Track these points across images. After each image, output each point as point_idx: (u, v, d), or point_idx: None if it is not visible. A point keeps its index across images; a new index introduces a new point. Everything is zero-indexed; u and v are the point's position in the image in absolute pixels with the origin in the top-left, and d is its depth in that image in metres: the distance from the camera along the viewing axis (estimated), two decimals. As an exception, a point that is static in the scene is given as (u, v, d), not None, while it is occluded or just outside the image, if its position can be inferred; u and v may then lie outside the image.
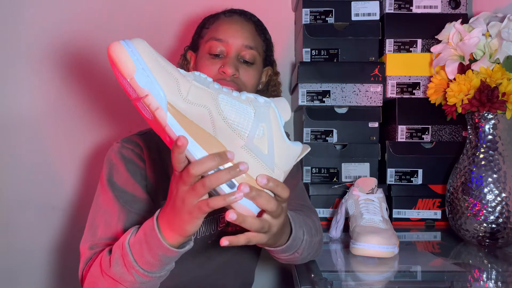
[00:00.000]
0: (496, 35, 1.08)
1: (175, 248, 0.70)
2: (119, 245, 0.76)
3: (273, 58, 1.10)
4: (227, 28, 0.97)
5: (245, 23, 1.00)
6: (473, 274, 0.93)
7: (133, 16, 1.55)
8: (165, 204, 0.70)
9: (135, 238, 0.74)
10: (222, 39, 0.96)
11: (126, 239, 0.75)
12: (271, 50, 1.08)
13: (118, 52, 0.60)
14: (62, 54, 1.55)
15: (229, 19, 1.00)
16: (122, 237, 0.77)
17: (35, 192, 1.56)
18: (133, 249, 0.73)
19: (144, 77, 0.60)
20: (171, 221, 0.68)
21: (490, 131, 1.07)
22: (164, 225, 0.70)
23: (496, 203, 1.05)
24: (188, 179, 0.62)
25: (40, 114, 1.55)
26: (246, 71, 0.97)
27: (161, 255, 0.71)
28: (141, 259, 0.72)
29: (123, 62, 0.60)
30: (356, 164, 1.32)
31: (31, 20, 1.54)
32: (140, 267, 0.73)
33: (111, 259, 0.76)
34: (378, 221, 1.03)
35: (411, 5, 1.32)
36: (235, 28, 0.98)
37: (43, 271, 1.58)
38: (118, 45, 0.61)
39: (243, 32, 0.98)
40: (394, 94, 1.31)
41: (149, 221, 0.72)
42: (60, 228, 1.58)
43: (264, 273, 1.59)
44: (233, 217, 0.62)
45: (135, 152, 0.93)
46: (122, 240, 0.75)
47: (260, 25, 1.04)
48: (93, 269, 0.81)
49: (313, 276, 0.85)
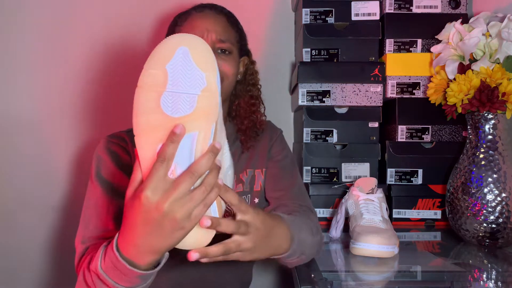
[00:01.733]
0: (496, 35, 1.08)
1: (151, 270, 0.69)
2: (94, 267, 0.74)
3: (248, 48, 1.09)
4: (200, 23, 0.97)
5: (217, 17, 1.00)
6: (473, 274, 0.93)
7: (132, 14, 1.55)
8: (128, 228, 0.66)
9: (106, 263, 0.71)
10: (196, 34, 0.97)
11: (98, 264, 0.72)
12: (245, 40, 1.08)
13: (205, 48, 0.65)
14: (62, 54, 1.55)
15: (201, 14, 0.99)
16: (94, 261, 0.74)
17: (34, 192, 1.56)
18: (109, 274, 0.71)
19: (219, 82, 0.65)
20: (147, 244, 0.65)
21: (490, 131, 1.07)
22: (134, 254, 0.67)
23: (496, 203, 1.05)
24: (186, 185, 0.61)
25: (40, 115, 1.55)
26: (224, 62, 0.97)
27: (138, 276, 0.69)
28: (122, 281, 0.71)
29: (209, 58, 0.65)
30: (356, 164, 1.32)
31: (29, 21, 1.54)
32: (123, 286, 0.72)
33: (92, 279, 0.75)
34: (378, 221, 1.03)
35: (411, 5, 1.32)
36: (208, 22, 0.97)
37: (42, 270, 1.58)
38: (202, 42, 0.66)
39: (216, 25, 0.97)
40: (394, 94, 1.31)
41: (110, 252, 0.70)
42: (59, 227, 1.58)
43: (264, 273, 1.59)
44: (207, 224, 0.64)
45: (121, 146, 0.96)
46: (95, 265, 0.73)
47: (231, 16, 1.04)
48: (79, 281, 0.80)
49: (313, 276, 0.85)
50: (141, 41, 1.55)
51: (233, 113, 1.08)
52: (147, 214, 0.62)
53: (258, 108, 1.08)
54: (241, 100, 1.07)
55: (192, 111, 0.63)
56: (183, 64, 0.63)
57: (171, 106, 0.63)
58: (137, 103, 0.64)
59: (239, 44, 1.04)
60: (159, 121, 0.63)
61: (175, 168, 0.63)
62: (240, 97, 1.07)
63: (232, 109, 1.09)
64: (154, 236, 0.64)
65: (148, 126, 0.63)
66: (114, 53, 1.55)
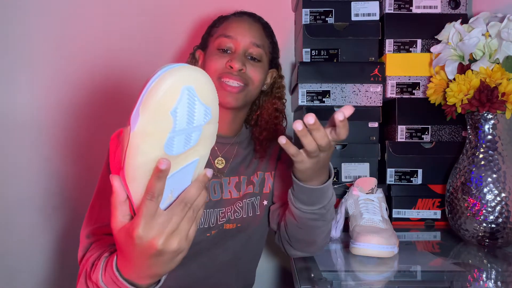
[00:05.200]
0: (496, 35, 1.09)
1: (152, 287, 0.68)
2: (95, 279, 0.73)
3: (278, 62, 1.13)
4: (237, 26, 1.01)
5: (254, 24, 1.04)
6: (473, 274, 0.93)
7: (145, 17, 1.55)
8: (129, 263, 0.64)
9: (107, 279, 0.70)
10: (232, 36, 1.00)
11: (99, 277, 0.71)
12: (277, 53, 1.11)
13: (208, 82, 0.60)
14: (63, 54, 1.55)
15: (239, 19, 1.04)
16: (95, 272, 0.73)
17: (35, 192, 1.56)
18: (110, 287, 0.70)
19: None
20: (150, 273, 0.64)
21: (489, 131, 1.07)
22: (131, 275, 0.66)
23: (495, 203, 1.05)
24: (180, 218, 0.60)
25: (40, 115, 1.55)
26: (252, 67, 1.00)
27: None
28: None
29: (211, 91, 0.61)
30: (356, 164, 1.32)
31: (31, 20, 1.54)
32: None
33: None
34: (378, 221, 1.03)
35: (411, 5, 1.32)
36: (244, 27, 1.02)
37: (43, 270, 1.58)
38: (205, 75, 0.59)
39: (251, 31, 1.02)
40: (394, 94, 1.31)
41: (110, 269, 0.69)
42: (60, 228, 1.58)
43: (264, 273, 1.59)
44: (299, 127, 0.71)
45: None
46: (96, 278, 0.72)
47: (268, 27, 1.08)
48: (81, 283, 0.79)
49: (313, 276, 0.85)
50: (144, 41, 1.55)
51: (252, 121, 1.11)
52: (143, 251, 0.60)
53: (281, 121, 1.11)
54: (264, 112, 1.10)
55: (196, 143, 0.60)
56: (189, 103, 0.57)
57: (176, 146, 0.58)
58: (135, 153, 0.57)
59: (270, 55, 1.07)
60: None
61: (172, 194, 0.61)
62: (264, 108, 1.10)
63: (252, 118, 1.11)
64: (153, 267, 0.63)
65: (146, 173, 0.58)
66: (116, 53, 1.56)
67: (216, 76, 0.99)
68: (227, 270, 1.04)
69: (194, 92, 0.57)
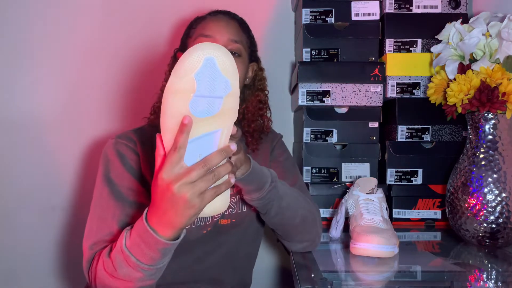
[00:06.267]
0: (496, 35, 1.08)
1: (172, 241, 0.76)
2: (117, 249, 0.80)
3: (257, 55, 1.15)
4: (214, 25, 1.04)
5: (230, 21, 1.06)
6: (473, 274, 0.93)
7: (131, 19, 1.56)
8: (153, 204, 0.74)
9: (131, 240, 0.78)
10: (210, 35, 1.02)
11: (123, 243, 0.79)
12: (255, 46, 1.13)
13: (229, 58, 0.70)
14: (65, 53, 1.55)
15: (215, 18, 1.06)
16: (118, 241, 0.81)
17: (35, 192, 1.56)
18: (133, 251, 0.78)
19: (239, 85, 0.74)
20: (167, 219, 0.73)
21: (490, 131, 1.07)
22: (157, 224, 0.75)
23: (496, 203, 1.05)
24: (198, 173, 0.69)
25: (40, 115, 1.55)
26: None
27: (160, 249, 0.76)
28: (144, 258, 0.77)
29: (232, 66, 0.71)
30: (356, 164, 1.32)
31: (33, 20, 1.54)
32: (145, 264, 0.78)
33: (114, 263, 0.80)
34: (378, 221, 1.03)
35: (411, 5, 1.32)
36: (221, 25, 1.04)
37: (43, 271, 1.58)
38: (227, 52, 0.70)
39: (228, 28, 1.04)
40: (394, 94, 1.31)
41: (139, 223, 0.77)
42: (60, 228, 1.58)
43: (264, 273, 1.59)
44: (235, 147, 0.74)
45: (129, 147, 0.99)
46: (119, 244, 0.80)
47: (243, 23, 1.10)
48: (100, 274, 0.84)
49: (313, 276, 0.85)
50: (145, 41, 1.55)
51: (240, 116, 1.12)
52: (162, 193, 0.71)
53: (265, 112, 1.14)
54: (249, 104, 1.12)
55: (217, 112, 0.70)
56: (210, 72, 0.68)
57: (199, 108, 0.69)
58: (167, 107, 0.69)
59: (249, 49, 1.09)
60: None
61: (200, 157, 0.71)
62: (248, 101, 1.12)
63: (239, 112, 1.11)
64: (170, 212, 0.72)
65: (176, 126, 0.69)
66: (118, 53, 1.56)
67: None
68: (223, 266, 1.05)
69: (215, 63, 0.68)
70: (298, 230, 0.99)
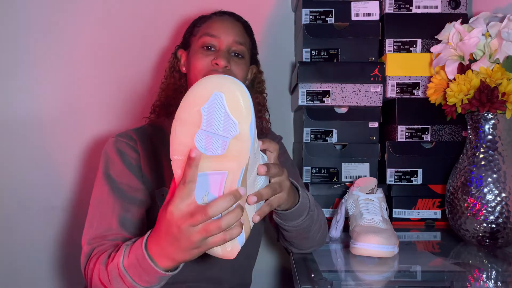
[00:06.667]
0: (496, 35, 1.08)
1: (171, 272, 0.75)
2: (114, 265, 0.79)
3: (257, 58, 1.16)
4: (219, 26, 1.05)
5: (235, 22, 1.08)
6: (473, 274, 0.93)
7: (130, 17, 1.55)
8: (157, 232, 0.72)
9: (129, 261, 0.77)
10: (215, 34, 1.04)
11: (120, 261, 0.78)
12: (256, 50, 1.15)
13: (240, 95, 0.64)
14: (65, 52, 1.55)
15: (221, 18, 1.08)
16: (116, 257, 0.80)
17: (35, 192, 1.56)
18: (129, 272, 0.77)
19: (252, 129, 0.66)
20: (168, 252, 0.71)
21: (490, 131, 1.07)
22: (157, 254, 0.73)
23: (496, 203, 1.05)
24: (202, 218, 0.65)
25: (40, 115, 1.55)
26: (236, 64, 1.03)
27: (158, 277, 0.75)
28: (140, 280, 0.76)
29: (243, 106, 0.65)
30: (356, 164, 1.32)
31: (33, 19, 1.54)
32: (141, 285, 0.77)
33: (109, 276, 0.80)
34: (378, 221, 1.03)
35: (411, 5, 1.32)
36: (227, 26, 1.05)
37: (43, 270, 1.58)
38: (240, 88, 0.65)
39: (233, 30, 1.05)
40: (394, 94, 1.31)
41: (138, 248, 0.75)
42: (60, 228, 1.58)
43: (264, 273, 1.59)
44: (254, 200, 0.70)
45: (129, 145, 1.00)
46: (117, 261, 0.79)
47: (248, 26, 1.12)
48: (94, 280, 0.84)
49: (313, 276, 0.85)
50: (146, 40, 1.55)
51: None
52: (168, 227, 0.68)
53: (263, 115, 1.15)
54: None
55: (223, 153, 0.65)
56: (218, 109, 0.64)
57: (204, 144, 0.65)
58: (174, 135, 0.67)
59: (251, 51, 1.10)
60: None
61: (206, 196, 0.67)
62: None
63: None
64: (173, 246, 0.70)
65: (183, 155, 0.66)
66: (118, 52, 1.56)
67: (202, 74, 1.02)
68: (222, 266, 1.05)
69: (223, 100, 0.64)
70: (310, 242, 0.98)
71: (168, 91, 1.13)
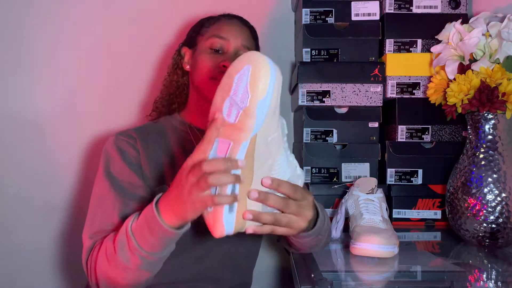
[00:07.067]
0: (496, 35, 1.08)
1: (174, 230, 0.77)
2: (122, 231, 0.82)
3: None
4: (229, 28, 1.08)
5: (243, 27, 1.11)
6: (473, 274, 0.93)
7: (130, 17, 1.56)
8: (170, 190, 0.76)
9: (137, 223, 0.80)
10: (225, 37, 1.06)
11: (129, 224, 0.81)
12: None
13: (263, 72, 0.68)
14: (64, 52, 1.55)
15: (230, 21, 1.10)
16: (124, 223, 0.83)
17: (35, 192, 1.56)
18: (135, 234, 0.79)
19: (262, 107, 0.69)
20: (174, 206, 0.74)
21: (490, 131, 1.07)
22: (164, 209, 0.76)
23: (496, 203, 1.05)
24: (197, 173, 0.69)
25: (40, 115, 1.55)
26: None
27: (161, 236, 0.77)
28: (144, 242, 0.79)
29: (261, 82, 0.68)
30: (356, 164, 1.32)
31: (33, 19, 1.54)
32: (143, 249, 0.79)
33: (115, 246, 0.82)
34: (378, 221, 1.03)
35: (411, 5, 1.32)
36: (236, 29, 1.09)
37: (43, 270, 1.58)
38: (266, 66, 0.68)
39: (242, 34, 1.09)
40: (394, 94, 1.31)
41: (149, 207, 0.79)
42: (60, 228, 1.58)
43: (264, 273, 1.59)
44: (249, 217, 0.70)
45: (130, 143, 1.01)
46: (125, 225, 0.82)
47: (254, 31, 1.15)
48: (100, 260, 0.85)
49: (313, 276, 0.85)
50: (145, 39, 1.55)
51: None
52: (178, 179, 0.73)
53: None
54: None
55: (235, 122, 0.69)
56: (243, 80, 0.69)
57: (227, 110, 0.70)
58: (214, 97, 0.73)
59: None
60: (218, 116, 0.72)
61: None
62: None
63: None
64: (177, 200, 0.73)
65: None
66: (118, 52, 1.55)
67: (209, 75, 1.04)
68: (223, 266, 1.05)
69: (249, 72, 0.68)
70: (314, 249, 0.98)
71: (171, 88, 1.15)
